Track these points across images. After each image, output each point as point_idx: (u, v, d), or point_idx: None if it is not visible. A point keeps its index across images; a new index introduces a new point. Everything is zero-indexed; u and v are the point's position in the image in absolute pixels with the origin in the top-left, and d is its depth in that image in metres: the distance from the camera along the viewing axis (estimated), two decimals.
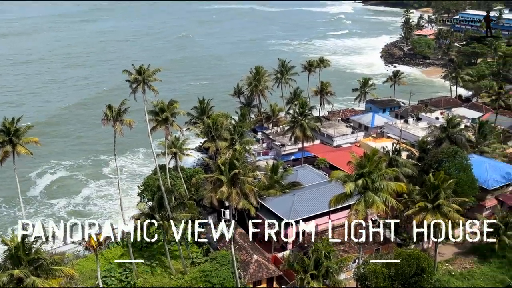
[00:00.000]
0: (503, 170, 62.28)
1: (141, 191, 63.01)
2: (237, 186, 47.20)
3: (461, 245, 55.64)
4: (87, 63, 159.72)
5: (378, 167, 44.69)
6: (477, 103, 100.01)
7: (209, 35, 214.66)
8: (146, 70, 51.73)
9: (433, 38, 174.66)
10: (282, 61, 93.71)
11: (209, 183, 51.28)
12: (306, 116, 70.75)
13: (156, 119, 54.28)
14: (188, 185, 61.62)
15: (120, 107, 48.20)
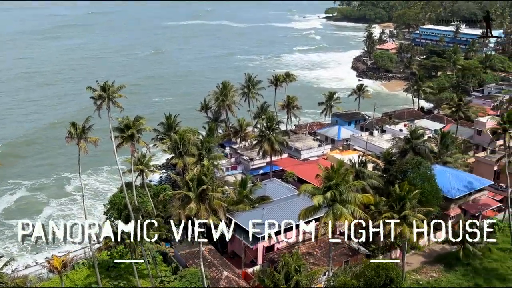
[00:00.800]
0: (465, 179, 64.00)
1: (107, 209, 61.66)
2: (206, 202, 46.66)
3: (428, 254, 56.71)
4: (54, 82, 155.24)
5: (345, 179, 45.15)
6: (438, 114, 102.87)
7: (179, 51, 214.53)
8: (111, 87, 51.03)
9: (395, 52, 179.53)
10: (249, 76, 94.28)
11: (177, 199, 50.53)
12: (273, 130, 71.11)
13: (121, 136, 53.44)
14: (156, 202, 60.67)
15: (84, 125, 47.29)
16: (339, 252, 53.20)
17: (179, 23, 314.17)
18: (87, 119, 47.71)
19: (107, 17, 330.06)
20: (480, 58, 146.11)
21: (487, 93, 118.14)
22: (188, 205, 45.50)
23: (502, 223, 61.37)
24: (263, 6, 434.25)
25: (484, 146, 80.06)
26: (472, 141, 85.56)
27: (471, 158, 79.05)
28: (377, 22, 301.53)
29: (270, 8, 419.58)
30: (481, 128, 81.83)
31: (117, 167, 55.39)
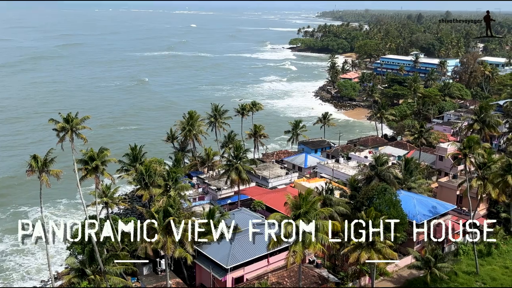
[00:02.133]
0: (429, 204, 65.26)
1: (70, 244, 59.51)
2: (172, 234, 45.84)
3: (396, 279, 57.03)
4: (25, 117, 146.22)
5: (313, 207, 45.29)
6: (401, 141, 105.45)
7: (155, 81, 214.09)
8: (74, 118, 50.15)
9: (358, 81, 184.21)
10: (215, 105, 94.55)
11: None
12: (241, 159, 71.05)
13: (85, 168, 52.25)
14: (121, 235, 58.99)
15: (46, 157, 46.08)
16: (309, 280, 52.86)
17: (154, 53, 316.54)
18: (49, 151, 46.53)
19: (77, 49, 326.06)
20: (439, 86, 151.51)
21: (447, 119, 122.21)
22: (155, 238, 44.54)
23: (466, 247, 62.59)
24: (237, 39, 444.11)
25: (446, 171, 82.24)
26: (434, 166, 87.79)
27: (434, 183, 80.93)
28: (340, 52, 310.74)
29: (243, 40, 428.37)
30: (443, 154, 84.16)
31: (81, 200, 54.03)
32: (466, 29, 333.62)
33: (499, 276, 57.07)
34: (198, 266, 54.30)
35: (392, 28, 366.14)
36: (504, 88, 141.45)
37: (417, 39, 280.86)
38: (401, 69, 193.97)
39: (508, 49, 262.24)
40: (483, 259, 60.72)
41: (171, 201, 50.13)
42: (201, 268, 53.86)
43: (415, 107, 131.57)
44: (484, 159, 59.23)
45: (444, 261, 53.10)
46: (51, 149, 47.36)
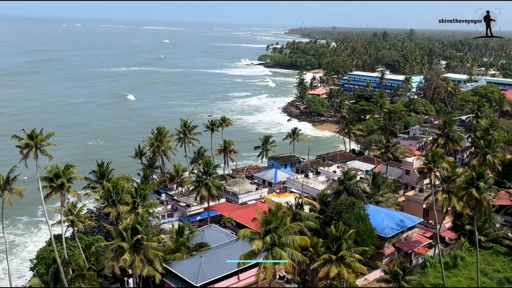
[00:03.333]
0: (397, 218, 66.35)
1: (34, 264, 57.61)
2: (141, 252, 45.03)
3: None
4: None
5: (283, 222, 45.29)
6: (369, 156, 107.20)
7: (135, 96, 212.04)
8: (39, 135, 48.95)
9: (326, 97, 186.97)
10: (184, 121, 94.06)
11: (110, 251, 48.41)
12: (210, 175, 70.63)
13: (50, 186, 50.90)
14: (87, 254, 57.60)
15: (9, 175, 44.68)
16: None
17: (132, 68, 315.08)
18: (12, 169, 45.18)
19: (50, 64, 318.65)
20: (404, 102, 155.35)
21: (412, 134, 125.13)
22: (122, 256, 43.68)
23: (433, 259, 63.73)
24: (210, 55, 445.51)
25: (413, 185, 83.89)
26: (401, 180, 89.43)
27: (401, 197, 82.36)
28: (308, 68, 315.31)
29: (216, 56, 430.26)
30: (409, 168, 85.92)
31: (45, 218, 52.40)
32: (429, 47, 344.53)
33: None
34: (167, 285, 53.36)
35: (358, 45, 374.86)
36: (466, 103, 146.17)
37: (382, 56, 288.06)
38: (368, 85, 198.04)
39: (469, 66, 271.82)
40: (449, 271, 61.95)
41: (139, 218, 49.23)
42: (170, 286, 52.94)
43: (381, 122, 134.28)
44: (448, 173, 60.74)
45: (412, 274, 53.79)
46: (14, 166, 46.01)
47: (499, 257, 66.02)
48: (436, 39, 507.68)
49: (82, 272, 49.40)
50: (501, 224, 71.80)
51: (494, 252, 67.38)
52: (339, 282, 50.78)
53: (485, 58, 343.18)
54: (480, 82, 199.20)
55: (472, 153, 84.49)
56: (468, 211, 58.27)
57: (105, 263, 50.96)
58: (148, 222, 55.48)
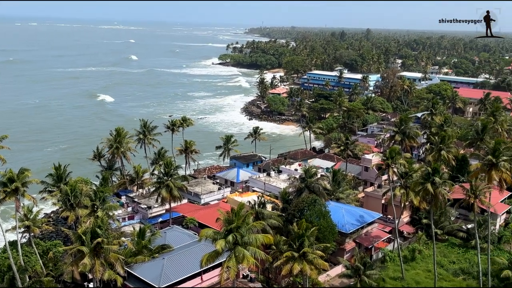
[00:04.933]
0: (357, 213, 67.71)
1: None
2: (101, 256, 44.09)
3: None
4: None
5: (246, 221, 45.38)
6: (329, 153, 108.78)
7: None
8: None
9: (286, 96, 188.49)
10: (144, 122, 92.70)
11: (69, 255, 47.16)
12: (172, 176, 69.88)
13: (4, 191, 49.06)
14: (45, 260, 55.86)
15: None
16: None
17: (102, 69, 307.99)
18: None
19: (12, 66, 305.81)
20: (362, 100, 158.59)
21: (371, 132, 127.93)
22: (82, 261, 42.63)
23: (392, 253, 65.43)
24: (179, 55, 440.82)
25: (371, 181, 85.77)
26: (360, 177, 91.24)
27: (361, 193, 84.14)
28: (268, 68, 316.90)
29: (184, 56, 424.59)
30: (368, 165, 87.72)
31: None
32: (385, 46, 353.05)
33: (422, 279, 60.17)
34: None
35: (317, 44, 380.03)
36: (421, 101, 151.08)
37: (341, 55, 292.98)
38: (327, 84, 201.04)
39: (424, 65, 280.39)
40: (408, 264, 63.79)
41: (99, 221, 48.20)
42: None
43: (340, 120, 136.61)
44: (405, 169, 62.48)
45: (372, 268, 55.12)
46: None
47: (454, 249, 68.55)
48: (392, 38, 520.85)
49: (40, 278, 47.90)
50: (456, 217, 74.53)
51: (450, 244, 69.91)
52: (302, 279, 51.39)
53: (439, 57, 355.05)
54: (434, 80, 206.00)
55: (428, 149, 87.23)
56: (425, 205, 60.09)
57: (64, 268, 49.63)
58: (108, 225, 54.38)
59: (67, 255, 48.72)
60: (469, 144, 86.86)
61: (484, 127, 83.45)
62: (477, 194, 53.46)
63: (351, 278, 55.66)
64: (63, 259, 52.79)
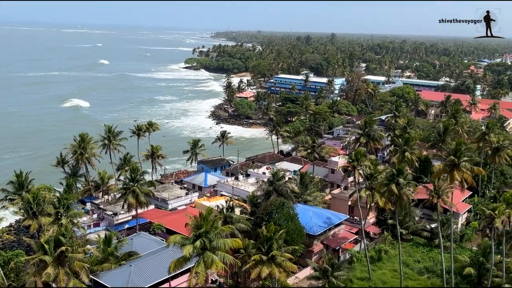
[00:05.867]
0: (324, 215, 68.42)
1: None
2: (65, 265, 42.98)
3: None
4: None
5: (214, 226, 45.20)
6: (296, 156, 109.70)
7: None
8: None
9: (253, 100, 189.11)
10: (109, 127, 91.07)
11: (32, 265, 45.75)
12: (138, 181, 68.86)
13: None
14: (6, 270, 54.04)
15: None
16: None
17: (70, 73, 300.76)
18: None
19: None
20: (328, 104, 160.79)
21: (337, 134, 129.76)
22: (45, 271, 41.42)
23: (359, 254, 66.39)
24: (149, 59, 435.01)
25: (338, 183, 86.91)
26: (327, 179, 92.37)
27: (328, 195, 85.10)
28: (235, 72, 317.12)
29: (153, 61, 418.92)
30: (334, 167, 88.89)
31: None
32: (350, 50, 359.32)
33: (389, 279, 61.27)
34: None
35: (283, 49, 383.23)
36: (385, 104, 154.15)
37: (306, 59, 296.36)
38: (293, 88, 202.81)
39: (387, 68, 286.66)
40: (375, 264, 64.85)
41: (63, 229, 46.94)
42: None
43: (307, 123, 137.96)
44: (370, 170, 63.59)
45: (340, 269, 55.79)
46: None
47: (419, 248, 70.17)
48: (356, 42, 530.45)
49: None
50: (420, 217, 76.36)
51: (414, 244, 71.52)
52: (271, 282, 51.44)
53: (401, 60, 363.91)
54: (397, 83, 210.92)
55: (392, 151, 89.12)
56: (390, 206, 61.30)
57: (26, 279, 48.08)
58: (72, 233, 53.09)
59: (30, 265, 47.29)
60: (431, 146, 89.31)
61: (445, 128, 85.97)
62: (440, 194, 54.89)
63: (320, 280, 56.12)
64: (25, 269, 51.17)
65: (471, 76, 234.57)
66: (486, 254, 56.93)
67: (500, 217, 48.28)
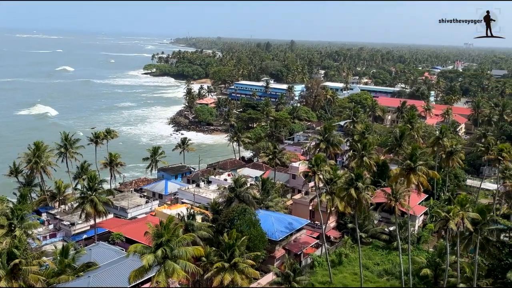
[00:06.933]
0: (286, 221, 68.83)
1: None
2: (19, 278, 41.34)
3: None
4: None
5: (175, 234, 44.64)
6: (258, 162, 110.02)
7: None
8: None
9: (214, 106, 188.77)
10: (65, 135, 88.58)
11: None
12: (96, 190, 67.21)
13: None
14: None
15: None
16: None
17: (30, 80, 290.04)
18: None
19: None
20: (288, 110, 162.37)
21: (297, 140, 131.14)
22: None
23: (320, 258, 67.12)
24: (112, 66, 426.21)
25: (299, 188, 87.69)
26: (288, 184, 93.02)
27: (289, 200, 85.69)
28: (195, 78, 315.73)
29: (116, 67, 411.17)
30: (295, 172, 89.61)
31: None
32: (309, 57, 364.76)
33: (349, 282, 62.23)
34: None
35: (243, 55, 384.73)
36: (344, 110, 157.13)
37: (266, 66, 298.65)
38: (254, 94, 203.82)
39: (345, 75, 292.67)
40: (336, 268, 65.73)
41: (16, 242, 45.19)
42: None
43: (268, 129, 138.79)
44: (330, 175, 64.54)
45: (302, 274, 56.13)
46: None
47: (378, 251, 71.64)
48: (315, 50, 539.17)
49: None
50: (379, 220, 78.05)
51: (374, 247, 72.96)
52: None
53: (359, 67, 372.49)
54: (355, 89, 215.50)
55: (351, 155, 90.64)
56: (350, 210, 62.35)
57: None
58: (27, 244, 51.16)
59: None
60: (388, 150, 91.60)
61: (402, 133, 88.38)
62: (397, 198, 56.26)
63: (282, 285, 56.29)
64: None
65: (425, 82, 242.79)
66: (442, 255, 58.78)
67: (455, 218, 49.88)
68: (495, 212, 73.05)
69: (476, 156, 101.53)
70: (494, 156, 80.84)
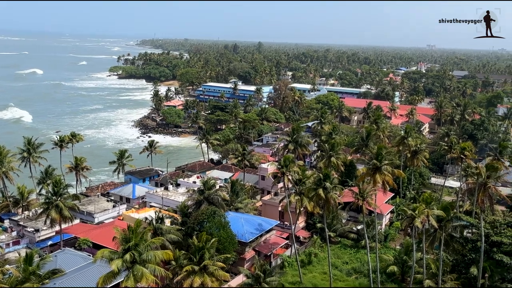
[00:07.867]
0: (256, 222, 68.95)
1: None
2: None
3: None
4: None
5: (144, 239, 44.05)
6: (227, 164, 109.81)
7: None
8: None
9: (182, 108, 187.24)
10: (28, 139, 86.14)
11: None
12: (61, 195, 65.57)
13: None
14: None
15: None
16: None
17: None
18: None
19: None
20: (256, 111, 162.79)
21: (266, 141, 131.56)
22: None
23: (290, 258, 67.54)
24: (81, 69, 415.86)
25: (268, 189, 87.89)
26: (258, 186, 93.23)
27: (259, 201, 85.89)
28: (162, 80, 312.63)
29: (88, 70, 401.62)
30: (264, 174, 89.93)
31: None
32: (276, 59, 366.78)
33: (319, 281, 62.83)
34: None
35: (211, 57, 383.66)
36: (311, 111, 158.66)
37: (234, 68, 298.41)
38: (222, 96, 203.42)
39: (312, 77, 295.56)
40: (305, 268, 66.27)
41: None
42: None
43: (237, 131, 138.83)
44: (299, 176, 65.03)
45: (272, 275, 56.23)
46: None
47: (347, 250, 72.66)
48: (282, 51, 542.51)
49: None
50: (347, 220, 79.17)
51: (342, 246, 73.96)
52: None
53: (325, 69, 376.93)
54: (322, 91, 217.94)
55: (319, 156, 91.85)
56: (318, 210, 62.92)
57: None
58: None
59: None
60: (355, 150, 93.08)
61: (368, 134, 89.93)
62: (364, 197, 57.17)
63: (252, 287, 56.33)
64: None
65: (390, 83, 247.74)
66: (408, 252, 60.13)
67: (420, 216, 51.07)
68: (458, 209, 75.21)
69: (440, 155, 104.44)
70: (457, 155, 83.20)
